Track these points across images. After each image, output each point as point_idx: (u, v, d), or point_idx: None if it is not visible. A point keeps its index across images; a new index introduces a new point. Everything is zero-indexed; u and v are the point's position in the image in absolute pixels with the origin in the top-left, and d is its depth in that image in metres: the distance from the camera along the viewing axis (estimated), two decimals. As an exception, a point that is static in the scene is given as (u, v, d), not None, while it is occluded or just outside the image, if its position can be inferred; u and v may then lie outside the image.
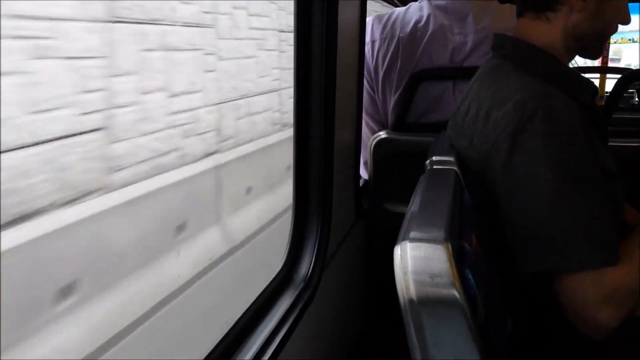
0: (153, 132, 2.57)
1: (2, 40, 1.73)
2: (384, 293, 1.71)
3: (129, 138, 2.37)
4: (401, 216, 1.54)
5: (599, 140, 0.98)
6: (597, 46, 1.05)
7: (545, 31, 1.02)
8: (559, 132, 0.87)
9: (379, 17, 1.57)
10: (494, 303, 0.78)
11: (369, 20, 1.52)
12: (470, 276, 0.62)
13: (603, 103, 2.73)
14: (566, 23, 1.00)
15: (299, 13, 1.06)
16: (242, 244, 2.99)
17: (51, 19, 1.94)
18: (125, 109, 2.37)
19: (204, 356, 0.83)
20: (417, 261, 0.59)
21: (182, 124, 2.86)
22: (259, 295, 0.98)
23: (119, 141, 2.31)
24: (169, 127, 2.71)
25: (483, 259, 0.82)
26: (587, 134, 0.90)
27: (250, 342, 0.89)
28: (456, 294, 0.57)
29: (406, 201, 1.57)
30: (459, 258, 0.62)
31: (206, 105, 3.15)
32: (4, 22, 1.75)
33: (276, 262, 1.10)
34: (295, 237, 1.13)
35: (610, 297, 0.83)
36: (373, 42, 1.54)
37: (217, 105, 3.33)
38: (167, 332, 2.16)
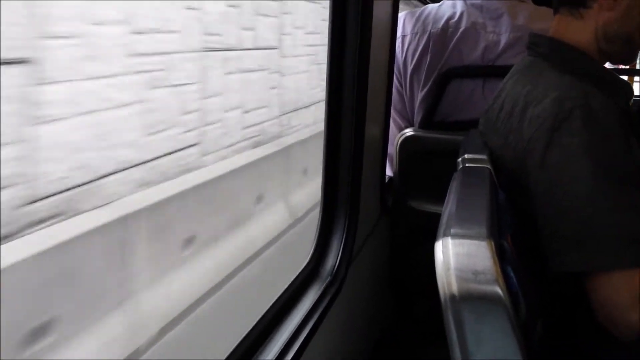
0: (230, 146, 3.23)
1: (128, 76, 2.19)
2: (407, 288, 1.71)
3: (215, 151, 3.03)
4: (424, 214, 1.56)
5: (634, 141, 0.97)
6: (628, 51, 1.04)
7: (579, 29, 1.02)
8: (595, 131, 0.86)
9: (411, 13, 1.56)
10: (530, 303, 0.78)
11: (401, 15, 1.51)
12: (512, 274, 0.61)
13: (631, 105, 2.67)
14: (597, 21, 1.00)
15: (334, 9, 1.06)
16: (303, 216, 3.56)
17: (162, 53, 2.49)
18: (213, 126, 2.97)
19: (231, 348, 0.83)
20: (459, 257, 0.58)
21: (252, 137, 3.54)
22: (287, 288, 0.98)
23: (207, 154, 2.95)
24: (243, 140, 3.40)
25: (518, 258, 0.81)
26: (623, 133, 0.88)
27: (277, 335, 0.89)
28: (499, 291, 0.56)
29: (430, 199, 1.59)
30: (500, 255, 0.62)
31: (270, 119, 3.79)
32: (131, 60, 2.21)
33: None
34: (322, 230, 1.13)
35: None
36: (404, 36, 1.53)
37: (279, 118, 3.96)
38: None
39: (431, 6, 1.55)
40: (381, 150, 1.45)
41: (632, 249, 0.83)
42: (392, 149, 1.59)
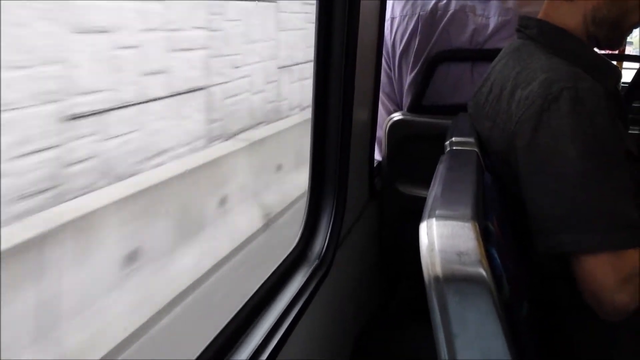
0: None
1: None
2: (395, 271, 1.72)
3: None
4: (413, 198, 1.57)
5: (621, 125, 0.97)
6: (615, 36, 1.04)
7: (569, 13, 1.02)
8: (584, 113, 0.86)
9: None
10: (515, 283, 0.78)
11: None
12: (496, 255, 0.62)
13: (620, 90, 2.69)
14: (586, 5, 1.00)
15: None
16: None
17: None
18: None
19: (217, 331, 0.83)
20: (443, 239, 0.58)
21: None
22: (274, 272, 0.98)
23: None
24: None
25: (503, 240, 0.81)
26: (611, 116, 0.88)
27: (264, 317, 0.89)
28: (483, 272, 0.56)
29: (419, 183, 1.59)
30: (485, 237, 0.62)
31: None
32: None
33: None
34: (310, 214, 1.12)
35: (629, 280, 0.83)
36: (392, 19, 1.52)
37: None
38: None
39: None
40: (369, 134, 1.44)
41: (620, 230, 0.83)
42: (381, 132, 1.59)
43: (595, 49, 1.07)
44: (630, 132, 1.35)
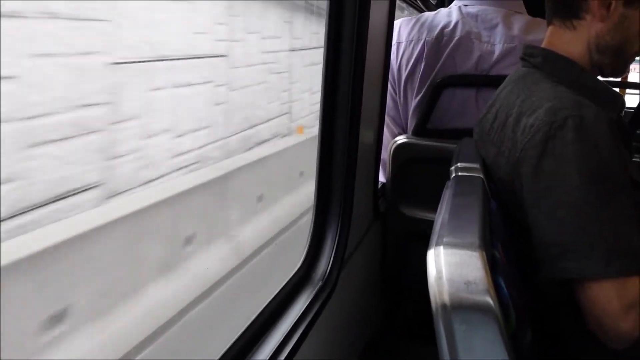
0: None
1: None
2: (397, 293, 1.72)
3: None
4: (415, 220, 1.57)
5: (625, 153, 0.98)
6: (618, 63, 1.06)
7: (572, 40, 1.04)
8: (589, 141, 0.88)
9: (407, 20, 1.56)
10: (520, 312, 0.78)
11: (396, 22, 1.52)
12: (503, 284, 0.62)
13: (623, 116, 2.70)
14: (589, 33, 1.02)
15: (331, 14, 1.06)
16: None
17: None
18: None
19: (222, 351, 0.83)
20: (451, 267, 0.59)
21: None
22: (278, 293, 0.98)
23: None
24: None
25: (508, 268, 0.81)
26: (615, 144, 0.90)
27: (268, 339, 0.90)
28: (490, 301, 0.56)
29: (421, 206, 1.60)
30: (492, 265, 0.62)
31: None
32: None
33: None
34: (315, 235, 1.13)
35: (633, 307, 0.83)
36: (399, 44, 1.54)
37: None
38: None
39: (427, 14, 1.56)
40: (374, 156, 1.46)
41: (624, 257, 0.84)
42: (386, 154, 1.60)
43: (599, 77, 1.09)
44: (634, 159, 1.36)
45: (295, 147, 4.16)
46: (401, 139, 1.57)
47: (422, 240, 0.66)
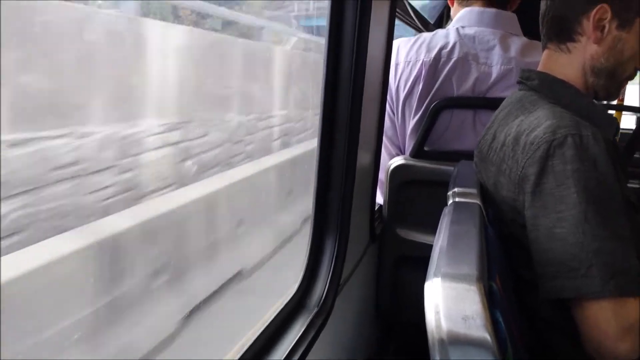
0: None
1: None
2: (391, 316, 1.70)
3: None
4: (411, 243, 1.56)
5: (622, 174, 0.98)
6: (612, 85, 1.07)
7: (567, 63, 1.06)
8: (588, 159, 0.88)
9: (405, 40, 1.57)
10: (517, 344, 0.77)
11: (395, 43, 1.52)
12: (500, 319, 0.61)
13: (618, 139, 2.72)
14: (584, 55, 1.04)
15: (330, 33, 1.06)
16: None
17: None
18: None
19: None
20: (449, 301, 0.58)
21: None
22: (273, 319, 0.97)
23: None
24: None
25: (505, 297, 0.80)
26: (612, 163, 0.90)
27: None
28: (488, 337, 0.55)
29: (419, 229, 1.58)
30: (489, 298, 0.61)
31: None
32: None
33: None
34: (311, 259, 1.12)
35: (631, 328, 0.82)
36: (397, 64, 1.54)
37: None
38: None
39: (425, 35, 1.56)
40: (372, 178, 1.45)
41: (624, 277, 0.83)
42: (383, 175, 1.59)
43: (594, 100, 1.09)
44: (630, 185, 1.36)
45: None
46: (398, 160, 1.56)
47: (417, 263, 0.65)
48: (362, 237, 1.43)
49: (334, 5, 1.03)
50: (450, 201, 1.01)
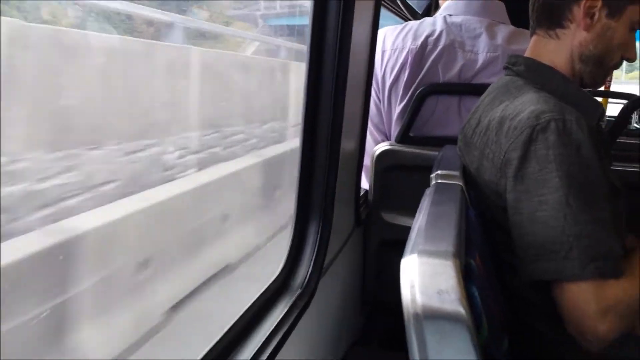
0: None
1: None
2: (376, 300, 1.71)
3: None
4: (396, 227, 1.57)
5: (605, 159, 0.99)
6: (599, 73, 1.08)
7: (555, 49, 1.07)
8: (571, 144, 0.89)
9: (392, 29, 1.57)
10: (494, 321, 0.78)
11: (381, 31, 1.52)
12: (476, 294, 0.62)
13: (604, 126, 2.76)
14: (572, 42, 1.04)
15: (314, 17, 1.06)
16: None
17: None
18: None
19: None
20: (424, 276, 0.58)
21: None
22: (255, 300, 0.97)
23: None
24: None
25: (485, 276, 0.81)
26: (595, 149, 0.91)
27: (244, 348, 0.88)
28: (462, 311, 0.56)
29: (404, 213, 1.59)
30: (466, 275, 0.62)
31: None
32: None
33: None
34: (294, 242, 1.12)
35: (610, 309, 0.84)
36: (383, 52, 1.54)
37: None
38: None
39: (412, 23, 1.57)
40: (357, 163, 1.45)
41: (604, 259, 0.85)
42: (369, 161, 1.60)
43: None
44: (614, 167, 1.38)
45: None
46: (384, 146, 1.57)
47: (402, 247, 0.66)
48: (347, 221, 1.44)
49: None
50: (432, 182, 1.01)
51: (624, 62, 1.09)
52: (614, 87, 4.26)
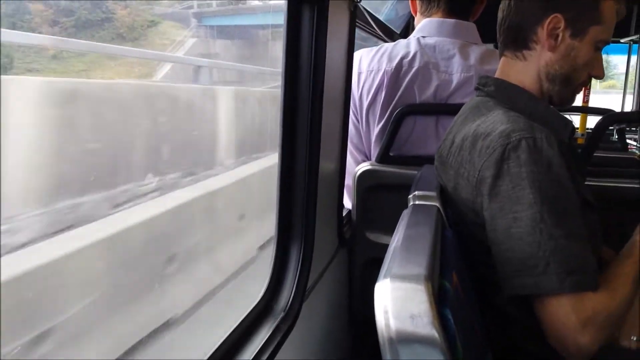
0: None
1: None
2: (364, 323, 1.72)
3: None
4: (382, 247, 1.57)
5: (578, 175, 1.02)
6: (567, 92, 1.11)
7: (523, 70, 1.10)
8: (541, 161, 0.92)
9: (367, 50, 1.60)
10: (474, 339, 0.79)
11: (357, 53, 1.55)
12: (450, 316, 0.63)
13: (584, 141, 2.80)
14: (539, 62, 1.08)
15: (288, 40, 1.08)
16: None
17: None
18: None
19: None
20: (397, 301, 0.59)
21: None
22: (237, 326, 0.97)
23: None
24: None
25: (463, 295, 0.83)
26: (566, 165, 0.94)
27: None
28: (436, 334, 0.57)
29: (388, 232, 1.60)
30: (439, 297, 0.63)
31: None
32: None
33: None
34: (276, 265, 1.13)
35: (590, 321, 0.86)
36: (360, 73, 1.57)
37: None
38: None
39: (387, 45, 1.60)
40: (337, 183, 1.47)
41: (580, 273, 0.87)
42: (351, 181, 1.61)
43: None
44: (588, 182, 1.41)
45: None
46: (365, 166, 1.59)
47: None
48: (330, 241, 1.45)
49: (290, 16, 1.05)
50: (410, 203, 1.03)
51: None
52: (591, 97, 4.34)
